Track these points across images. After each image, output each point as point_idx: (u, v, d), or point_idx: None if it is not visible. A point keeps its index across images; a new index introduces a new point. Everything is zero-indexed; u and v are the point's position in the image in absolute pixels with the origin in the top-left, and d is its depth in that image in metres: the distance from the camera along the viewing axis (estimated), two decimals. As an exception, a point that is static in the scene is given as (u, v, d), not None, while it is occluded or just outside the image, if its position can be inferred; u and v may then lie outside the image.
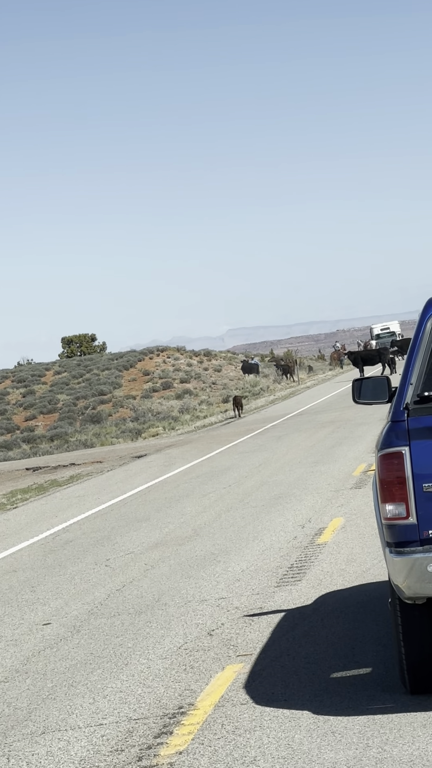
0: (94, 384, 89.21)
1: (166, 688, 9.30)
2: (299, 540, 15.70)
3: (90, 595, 13.88)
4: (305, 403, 59.06)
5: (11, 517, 25.32)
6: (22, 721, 8.99)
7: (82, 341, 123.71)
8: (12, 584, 15.72)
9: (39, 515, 24.71)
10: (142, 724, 8.45)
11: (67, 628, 12.19)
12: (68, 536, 20.05)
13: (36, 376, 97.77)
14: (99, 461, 41.99)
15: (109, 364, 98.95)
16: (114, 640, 11.24)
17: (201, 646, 10.53)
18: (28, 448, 63.61)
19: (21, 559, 18.15)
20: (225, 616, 11.60)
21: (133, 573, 15.00)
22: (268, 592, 12.47)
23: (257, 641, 10.36)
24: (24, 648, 11.57)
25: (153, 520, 20.43)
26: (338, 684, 8.73)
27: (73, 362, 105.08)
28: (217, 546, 16.17)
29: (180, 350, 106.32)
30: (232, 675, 9.36)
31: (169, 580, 14.02)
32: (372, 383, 9.16)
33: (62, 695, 9.55)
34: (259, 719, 8.15)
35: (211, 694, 8.91)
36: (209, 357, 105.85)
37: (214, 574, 14.02)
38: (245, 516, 18.95)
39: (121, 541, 18.23)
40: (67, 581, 15.20)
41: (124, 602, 13.08)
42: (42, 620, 12.81)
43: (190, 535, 17.67)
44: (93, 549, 17.88)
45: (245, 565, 14.27)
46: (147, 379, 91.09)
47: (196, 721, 8.31)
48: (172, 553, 16.12)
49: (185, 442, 45.06)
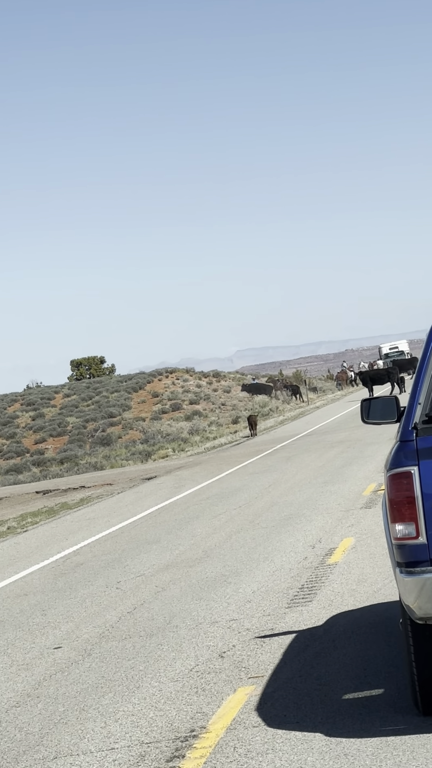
0: (103, 406, 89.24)
1: (177, 711, 9.27)
2: (310, 560, 15.67)
3: (101, 618, 13.86)
4: (314, 423, 59.03)
5: (22, 541, 25.31)
6: (34, 746, 8.97)
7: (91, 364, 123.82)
8: (23, 608, 15.70)
9: (49, 538, 24.70)
10: (154, 748, 8.43)
11: (78, 651, 12.17)
12: (79, 559, 20.03)
13: (45, 399, 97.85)
14: (109, 483, 41.97)
15: (118, 386, 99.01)
16: (125, 663, 11.22)
17: (212, 668, 10.50)
18: (38, 471, 63.61)
19: (32, 582, 18.13)
20: (236, 637, 11.58)
21: (143, 595, 14.98)
22: (279, 613, 12.44)
23: (269, 663, 10.33)
24: (35, 672, 11.55)
25: (163, 542, 20.41)
26: (350, 706, 8.69)
27: (82, 385, 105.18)
28: (228, 567, 16.15)
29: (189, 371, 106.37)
30: (243, 697, 9.33)
31: (180, 602, 14.00)
32: (381, 403, 9.15)
33: (74, 719, 9.53)
34: (272, 742, 8.12)
35: (223, 717, 8.88)
36: (218, 378, 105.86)
37: (224, 595, 14.00)
38: (255, 537, 18.92)
39: (131, 564, 18.21)
40: (77, 604, 15.18)
41: (135, 625, 13.06)
42: (53, 644, 12.79)
43: (200, 557, 17.64)
44: (104, 572, 17.86)
45: (256, 587, 14.25)
46: (156, 401, 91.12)
47: (208, 744, 8.28)
48: (183, 575, 16.10)
49: (195, 463, 45.03)
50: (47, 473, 61.15)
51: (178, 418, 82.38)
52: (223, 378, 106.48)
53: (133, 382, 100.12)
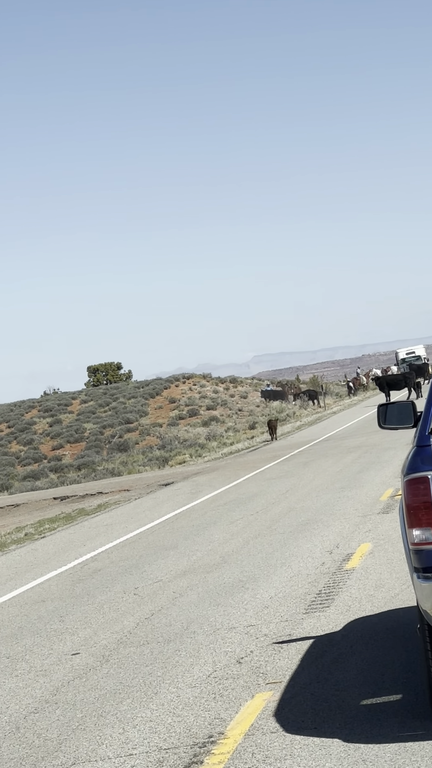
0: (120, 412, 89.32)
1: (195, 717, 9.28)
2: (327, 566, 15.66)
3: (119, 624, 13.87)
4: (331, 428, 58.98)
5: (39, 547, 25.34)
6: (53, 752, 8.98)
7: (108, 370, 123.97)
8: (41, 614, 15.72)
9: (67, 544, 24.73)
10: (172, 754, 8.43)
11: (96, 657, 12.18)
12: (96, 565, 20.05)
13: (62, 406, 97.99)
14: (126, 489, 42.00)
15: (135, 392, 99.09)
16: (143, 669, 11.22)
17: (230, 674, 10.50)
18: (56, 478, 63.71)
19: (49, 588, 18.16)
20: (254, 643, 11.57)
21: (161, 601, 14.99)
22: (296, 618, 12.44)
23: (286, 669, 10.33)
24: (53, 678, 11.56)
25: (181, 547, 20.42)
26: (368, 711, 8.68)
27: (99, 391, 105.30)
28: (245, 573, 16.15)
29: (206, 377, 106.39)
30: (261, 703, 9.33)
31: (198, 608, 14.00)
32: (397, 408, 9.15)
33: (92, 725, 9.54)
34: (290, 748, 8.12)
35: (241, 723, 8.88)
36: (235, 384, 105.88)
37: (242, 601, 14.00)
38: (273, 543, 18.92)
39: (149, 570, 18.22)
40: (95, 610, 15.19)
41: (153, 631, 13.07)
42: (71, 650, 12.81)
43: (218, 563, 17.65)
44: (121, 578, 17.87)
45: (273, 592, 14.24)
46: (173, 407, 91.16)
47: (226, 750, 8.28)
48: (200, 581, 16.10)
49: (212, 469, 45.04)
50: (64, 479, 61.22)
51: (195, 423, 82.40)
52: (239, 383, 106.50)
53: (150, 388, 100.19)
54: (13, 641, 14.01)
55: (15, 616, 15.92)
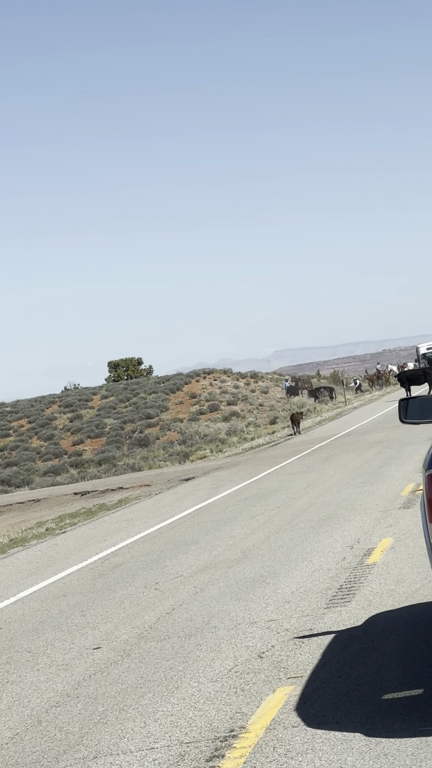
0: (141, 407, 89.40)
1: (217, 711, 9.28)
2: (348, 561, 15.64)
3: (140, 618, 13.89)
4: (352, 423, 58.92)
5: (60, 542, 25.39)
6: (74, 746, 9.00)
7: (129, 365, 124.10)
8: (62, 609, 15.75)
9: (88, 539, 24.77)
10: (193, 748, 8.44)
11: (117, 652, 12.19)
12: (117, 560, 20.08)
13: (83, 401, 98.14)
14: (147, 485, 42.04)
15: (155, 387, 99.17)
16: (164, 664, 11.23)
17: (251, 668, 10.50)
18: (76, 473, 63.80)
19: (70, 583, 18.19)
20: (275, 638, 11.57)
21: (182, 596, 15.00)
22: (317, 613, 12.43)
23: (308, 663, 10.32)
24: (75, 672, 11.58)
25: (202, 542, 20.42)
26: (390, 706, 8.67)
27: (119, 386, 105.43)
28: (266, 568, 16.14)
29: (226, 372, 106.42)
30: (282, 697, 9.33)
31: (219, 603, 14.00)
32: (419, 403, 9.14)
33: (113, 719, 9.55)
34: (311, 742, 8.11)
35: (263, 717, 8.88)
36: (256, 379, 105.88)
37: (263, 596, 14.00)
38: (294, 537, 18.91)
39: (170, 565, 18.23)
40: (116, 605, 15.21)
41: (174, 625, 13.08)
42: (92, 644, 12.83)
43: (239, 558, 17.65)
44: (142, 572, 17.89)
45: (294, 587, 14.24)
46: (194, 402, 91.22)
47: (247, 744, 8.28)
48: (221, 576, 16.11)
49: (233, 464, 45.04)
50: (85, 474, 61.31)
51: (215, 419, 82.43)
52: (260, 379, 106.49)
53: (171, 383, 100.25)
54: (34, 635, 14.04)
55: (36, 611, 15.95)
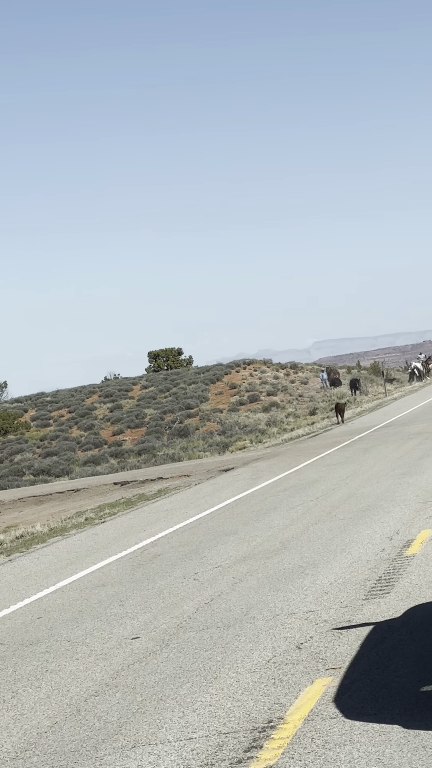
0: (180, 398, 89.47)
1: (255, 702, 9.28)
2: (387, 552, 15.61)
3: (178, 608, 13.91)
4: (392, 414, 58.75)
5: (100, 532, 25.46)
6: (113, 735, 9.02)
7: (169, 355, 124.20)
8: (101, 598, 15.80)
9: (127, 529, 24.82)
10: (232, 738, 8.44)
11: (156, 642, 12.22)
12: (156, 550, 20.11)
13: (123, 391, 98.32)
14: (186, 475, 42.08)
15: (195, 377, 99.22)
16: (203, 654, 11.25)
17: (290, 659, 10.50)
18: (116, 463, 63.92)
19: (109, 573, 18.24)
20: (313, 629, 11.56)
21: (221, 586, 15.01)
22: (356, 605, 12.41)
23: (346, 654, 10.31)
24: (113, 662, 11.62)
25: (241, 533, 20.43)
26: (428, 698, 8.65)
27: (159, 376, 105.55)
28: (305, 559, 16.13)
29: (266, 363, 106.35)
30: (321, 689, 9.32)
31: (257, 594, 14.00)
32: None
33: (152, 709, 9.58)
34: (349, 733, 8.10)
35: (301, 708, 8.88)
36: (295, 369, 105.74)
37: (302, 587, 13.99)
38: (333, 529, 18.88)
39: (209, 555, 18.25)
40: (155, 595, 15.24)
41: (213, 616, 13.09)
42: (131, 634, 12.86)
43: (277, 548, 17.64)
44: (181, 563, 17.91)
45: (333, 578, 14.22)
46: (234, 393, 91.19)
47: (285, 735, 8.28)
48: (260, 567, 16.11)
49: (272, 455, 45.01)
50: (125, 464, 61.41)
51: (255, 409, 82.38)
52: (300, 369, 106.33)
53: (211, 373, 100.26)
54: (73, 625, 14.09)
55: (75, 600, 16.01)
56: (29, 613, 15.45)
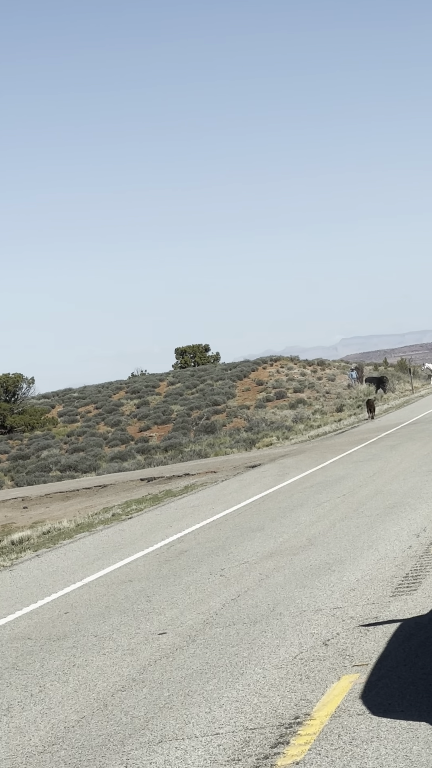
0: (207, 394, 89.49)
1: (281, 698, 9.28)
2: (414, 549, 15.58)
3: (205, 604, 13.92)
4: (419, 411, 58.61)
5: (126, 528, 25.50)
6: (140, 730, 9.04)
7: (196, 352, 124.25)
8: (128, 594, 15.82)
9: (154, 525, 24.85)
10: (258, 734, 8.45)
11: (183, 637, 12.23)
12: (183, 546, 20.13)
13: (150, 387, 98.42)
14: (213, 471, 42.09)
15: (222, 374, 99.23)
16: (229, 650, 11.25)
17: (316, 655, 10.49)
18: (143, 459, 64.02)
19: (136, 569, 18.26)
20: (340, 625, 11.55)
21: (247, 583, 15.01)
22: (383, 601, 12.39)
23: (373, 651, 10.29)
24: (140, 657, 11.63)
25: (267, 529, 20.43)
26: (456, 695, 8.63)
27: (186, 373, 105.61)
28: (332, 555, 16.12)
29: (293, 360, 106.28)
30: (348, 685, 9.31)
31: (284, 590, 14.00)
32: None
33: (178, 704, 9.59)
34: (376, 730, 8.09)
35: (327, 704, 8.87)
36: (322, 366, 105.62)
37: (328, 583, 13.98)
38: (360, 525, 18.86)
39: (235, 551, 18.25)
40: (182, 591, 15.26)
41: (239, 612, 13.09)
42: (158, 630, 12.87)
43: (304, 545, 17.63)
44: (208, 559, 17.92)
45: (360, 575, 14.20)
46: (261, 389, 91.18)
47: (312, 731, 8.28)
48: (287, 563, 16.10)
49: (299, 451, 44.98)
50: (151, 461, 61.51)
51: (282, 406, 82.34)
52: (327, 366, 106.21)
53: (238, 370, 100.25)
54: (100, 620, 14.12)
55: (102, 596, 16.04)
56: (56, 609, 15.49)
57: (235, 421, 76.93)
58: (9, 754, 8.97)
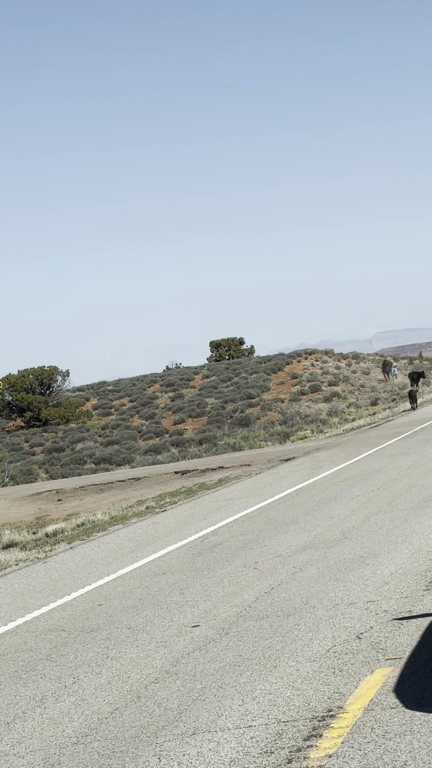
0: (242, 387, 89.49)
1: (314, 691, 9.28)
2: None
3: (238, 597, 13.93)
4: (455, 405, 58.37)
5: (160, 520, 25.54)
6: (173, 722, 9.06)
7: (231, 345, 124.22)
8: (161, 586, 15.85)
9: (187, 518, 24.88)
10: (291, 727, 8.45)
11: (216, 630, 12.24)
12: (216, 539, 20.14)
13: (184, 380, 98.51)
14: (247, 464, 42.09)
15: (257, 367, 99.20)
16: (262, 643, 11.26)
17: (350, 649, 10.48)
18: (177, 452, 64.07)
19: (170, 561, 18.29)
20: (374, 619, 11.54)
21: (281, 576, 15.01)
22: (417, 595, 12.36)
23: (406, 645, 10.27)
24: (174, 649, 11.66)
25: (301, 523, 20.41)
26: None
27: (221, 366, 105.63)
28: (366, 549, 16.09)
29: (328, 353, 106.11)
30: (381, 679, 9.30)
31: (318, 583, 13.99)
32: None
33: (211, 697, 9.60)
34: (410, 723, 8.08)
35: (361, 698, 8.86)
36: (357, 360, 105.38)
37: (362, 577, 13.96)
38: (394, 519, 18.82)
39: (269, 544, 18.25)
40: (215, 584, 15.27)
41: (273, 605, 13.09)
42: (191, 622, 12.89)
43: (338, 538, 17.61)
44: (241, 552, 17.93)
45: (394, 569, 14.18)
46: (295, 383, 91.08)
47: (345, 725, 8.28)
48: (321, 556, 16.09)
49: (333, 445, 44.91)
50: (186, 453, 61.55)
51: (316, 399, 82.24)
52: (362, 360, 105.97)
53: (272, 363, 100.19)
54: (134, 612, 14.15)
55: (136, 588, 16.08)
56: (90, 601, 15.54)
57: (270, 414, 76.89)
58: (42, 745, 9.01)
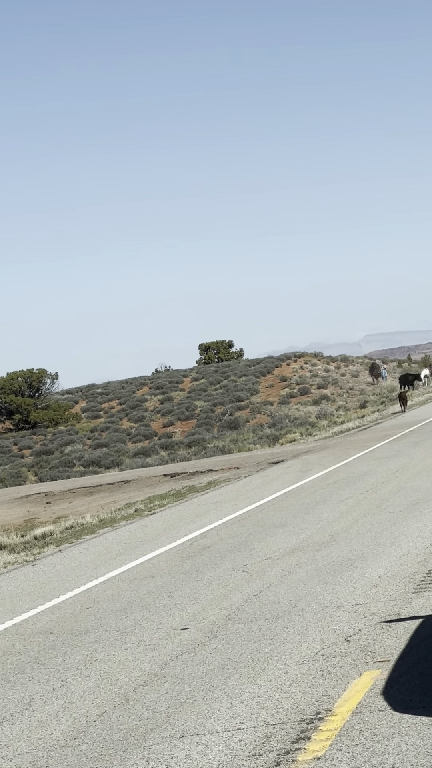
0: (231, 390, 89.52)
1: (303, 694, 9.29)
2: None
3: (227, 600, 13.93)
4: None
5: (149, 523, 25.53)
6: (161, 725, 9.06)
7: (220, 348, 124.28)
8: (150, 589, 15.85)
9: (176, 521, 24.87)
10: (279, 729, 8.45)
11: (205, 633, 12.24)
12: (205, 542, 20.14)
13: (173, 383, 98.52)
14: (236, 467, 42.10)
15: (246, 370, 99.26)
16: (251, 646, 11.26)
17: (338, 651, 10.49)
18: (166, 455, 64.04)
19: (159, 564, 18.29)
20: (362, 622, 11.55)
21: (269, 579, 15.01)
22: (405, 598, 12.38)
23: (395, 647, 10.28)
24: (162, 652, 11.65)
25: (290, 525, 20.42)
26: None
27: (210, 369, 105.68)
28: (354, 552, 16.11)
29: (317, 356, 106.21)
30: (369, 681, 9.31)
31: (306, 586, 14.00)
32: None
33: (200, 699, 9.60)
34: (398, 726, 8.09)
35: (349, 700, 8.87)
36: (346, 363, 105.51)
37: (351, 579, 13.97)
38: (382, 522, 18.84)
39: (258, 547, 18.26)
40: (204, 587, 15.27)
41: (261, 608, 13.10)
42: (179, 625, 12.89)
43: (327, 541, 17.62)
44: (230, 555, 17.93)
45: (382, 571, 14.19)
46: (284, 385, 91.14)
47: (333, 727, 8.28)
48: (309, 559, 16.10)
49: (322, 447, 44.94)
50: (175, 456, 61.52)
51: (305, 402, 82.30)
52: (351, 363, 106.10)
53: (261, 366, 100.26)
54: (122, 615, 14.15)
55: (125, 591, 16.07)
56: (79, 603, 15.53)
57: (259, 417, 76.93)
58: (31, 747, 9.00)
